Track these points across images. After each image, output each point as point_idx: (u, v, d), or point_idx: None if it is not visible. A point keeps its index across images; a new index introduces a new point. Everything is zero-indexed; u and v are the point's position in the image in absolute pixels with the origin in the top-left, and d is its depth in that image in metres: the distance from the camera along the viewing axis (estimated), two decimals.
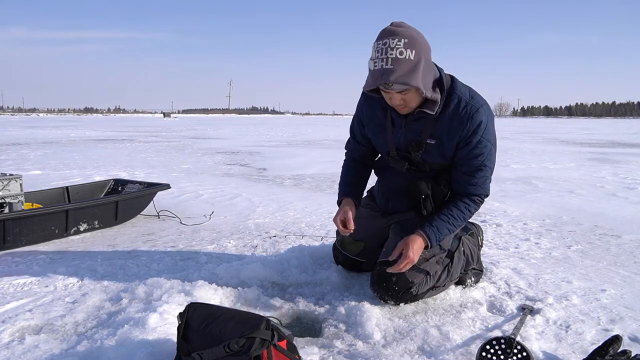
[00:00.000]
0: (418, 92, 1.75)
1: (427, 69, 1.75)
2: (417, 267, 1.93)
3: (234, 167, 7.34)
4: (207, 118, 75.92)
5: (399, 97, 1.78)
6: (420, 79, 1.71)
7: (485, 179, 1.96)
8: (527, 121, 70.70)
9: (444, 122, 1.89)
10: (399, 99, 1.79)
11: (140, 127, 26.69)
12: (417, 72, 1.69)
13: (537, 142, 14.54)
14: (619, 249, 2.92)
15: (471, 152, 1.90)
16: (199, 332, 1.36)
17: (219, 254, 2.76)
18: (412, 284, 1.92)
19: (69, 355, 1.57)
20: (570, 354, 1.63)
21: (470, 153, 1.90)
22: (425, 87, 1.75)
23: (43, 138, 14.51)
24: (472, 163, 1.92)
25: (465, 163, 1.93)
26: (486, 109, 1.90)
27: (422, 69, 1.71)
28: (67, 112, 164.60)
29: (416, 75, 1.69)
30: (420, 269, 1.94)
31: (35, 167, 6.91)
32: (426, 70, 1.75)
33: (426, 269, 1.95)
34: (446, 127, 1.89)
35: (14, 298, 2.09)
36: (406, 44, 1.67)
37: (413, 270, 1.92)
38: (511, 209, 4.14)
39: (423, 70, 1.72)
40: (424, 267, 1.95)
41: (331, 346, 1.65)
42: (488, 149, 1.91)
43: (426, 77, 1.75)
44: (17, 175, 3.15)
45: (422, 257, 1.94)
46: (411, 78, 1.68)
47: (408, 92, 1.76)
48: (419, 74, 1.70)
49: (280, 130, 22.72)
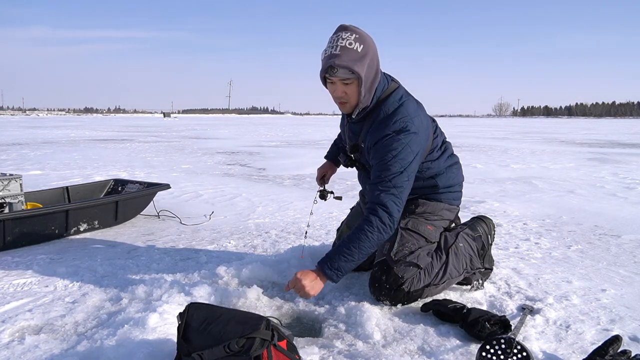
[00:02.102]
0: (359, 86, 1.84)
1: (371, 67, 1.85)
2: (404, 260, 1.95)
3: (234, 167, 7.34)
4: (207, 118, 75.93)
5: (341, 88, 1.87)
6: (364, 71, 1.81)
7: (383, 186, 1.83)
8: (527, 121, 70.71)
9: (367, 128, 1.97)
10: (341, 90, 1.87)
11: (140, 127, 26.70)
12: (363, 63, 1.80)
13: (537, 142, 14.54)
14: (619, 249, 2.92)
15: (374, 159, 1.91)
16: (199, 332, 1.36)
17: (219, 254, 2.76)
18: (402, 280, 1.93)
19: (69, 355, 1.58)
20: (570, 354, 1.63)
21: (374, 160, 1.91)
22: (366, 80, 1.84)
23: (43, 138, 14.52)
24: (375, 169, 1.90)
25: (373, 170, 1.93)
26: (398, 125, 1.86)
27: (367, 64, 1.82)
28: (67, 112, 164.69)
29: (361, 65, 1.80)
30: (408, 262, 1.95)
31: (35, 167, 6.92)
32: (370, 69, 1.85)
33: (415, 262, 1.96)
34: (367, 133, 1.97)
35: (14, 298, 2.09)
36: (356, 38, 1.80)
37: (401, 265, 1.94)
38: (511, 209, 4.15)
39: (368, 65, 1.83)
40: (410, 259, 1.96)
41: (331, 346, 1.65)
42: (390, 157, 1.84)
43: (369, 74, 1.85)
44: (17, 175, 3.16)
45: (407, 250, 1.98)
46: (356, 65, 1.78)
47: (351, 83, 1.84)
48: (364, 65, 1.81)
49: (280, 130, 22.73)
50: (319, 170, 2.47)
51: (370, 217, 1.82)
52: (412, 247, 1.99)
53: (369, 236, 1.80)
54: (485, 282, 2.26)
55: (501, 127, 33.33)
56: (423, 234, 2.04)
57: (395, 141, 1.85)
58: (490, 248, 2.31)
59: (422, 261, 1.97)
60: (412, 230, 2.04)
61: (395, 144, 1.85)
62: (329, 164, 2.47)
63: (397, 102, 1.93)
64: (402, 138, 1.85)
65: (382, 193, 1.83)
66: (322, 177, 2.46)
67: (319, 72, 1.88)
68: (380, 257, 2.01)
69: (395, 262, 1.95)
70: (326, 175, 2.46)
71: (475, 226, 2.27)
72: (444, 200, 2.13)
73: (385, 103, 1.94)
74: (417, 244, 2.01)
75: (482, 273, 2.23)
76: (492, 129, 27.00)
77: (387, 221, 1.81)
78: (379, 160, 1.88)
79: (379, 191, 1.84)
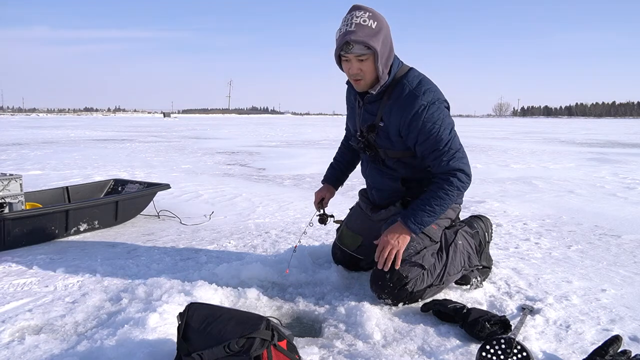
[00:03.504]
0: (374, 62, 1.88)
1: (385, 44, 1.90)
2: (410, 260, 1.95)
3: (234, 167, 7.34)
4: (207, 118, 75.94)
5: (357, 65, 1.90)
6: (379, 46, 1.85)
7: (448, 156, 1.93)
8: (527, 121, 70.72)
9: (389, 106, 1.99)
10: (356, 67, 1.90)
11: (140, 127, 26.70)
12: (378, 38, 1.85)
13: (537, 142, 14.54)
14: (619, 249, 2.92)
15: (418, 137, 1.95)
16: (199, 332, 1.36)
17: (219, 254, 2.76)
18: (406, 279, 1.93)
19: (69, 355, 1.57)
20: (570, 354, 1.63)
21: (418, 138, 1.95)
22: (382, 55, 1.88)
23: (43, 138, 14.52)
24: (425, 146, 1.96)
25: (421, 148, 1.98)
26: (428, 96, 1.94)
27: (382, 40, 1.87)
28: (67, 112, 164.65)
29: (376, 40, 1.84)
30: (413, 262, 1.95)
31: (35, 167, 6.92)
32: (385, 45, 1.89)
33: (419, 262, 1.96)
34: (390, 111, 1.99)
35: (14, 298, 2.09)
36: (370, 16, 1.86)
37: (406, 264, 1.94)
38: (511, 209, 4.15)
39: (382, 41, 1.87)
40: (416, 259, 1.96)
41: (331, 346, 1.65)
42: (436, 129, 1.92)
43: (384, 49, 1.89)
44: (17, 175, 3.15)
45: (412, 249, 1.97)
46: (371, 39, 1.83)
47: (366, 59, 1.88)
48: (379, 41, 1.85)
49: (280, 131, 22.72)
50: (317, 194, 2.44)
51: (450, 178, 1.93)
52: (417, 246, 1.99)
53: (449, 194, 1.94)
54: (485, 282, 2.26)
55: (501, 127, 33.34)
56: (428, 233, 2.03)
57: (434, 110, 1.92)
58: (487, 246, 2.31)
59: (426, 262, 1.98)
60: None
61: (435, 113, 1.92)
62: (327, 188, 2.44)
63: (417, 77, 2.00)
64: (439, 105, 1.94)
65: (450, 161, 1.93)
66: (320, 201, 2.42)
67: (334, 52, 1.92)
68: None
69: (400, 261, 1.95)
70: (325, 199, 2.42)
71: (472, 223, 2.27)
72: None
73: (406, 77, 1.99)
74: (422, 243, 2.01)
75: (480, 271, 2.23)
76: (492, 129, 27.01)
77: (465, 179, 1.96)
78: (427, 135, 1.92)
79: (445, 162, 1.93)
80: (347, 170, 2.49)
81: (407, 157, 2.07)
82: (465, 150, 2.00)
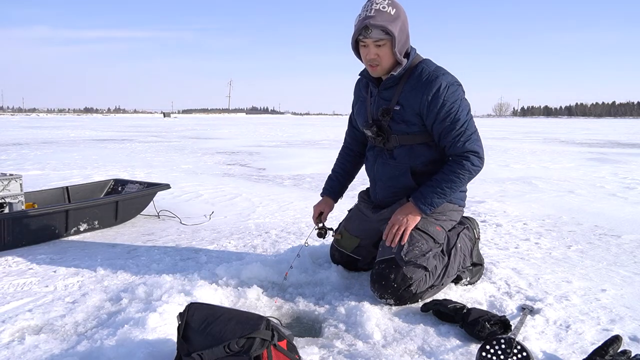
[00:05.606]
0: (392, 48, 1.93)
1: (403, 31, 1.95)
2: (415, 261, 1.95)
3: (234, 167, 7.34)
4: (207, 118, 75.94)
5: (374, 50, 1.95)
6: (397, 32, 1.91)
7: (465, 137, 1.97)
8: (527, 121, 70.72)
9: (407, 88, 2.03)
10: (374, 52, 1.96)
11: (140, 127, 26.70)
12: (396, 24, 1.91)
13: (537, 142, 14.54)
14: (619, 249, 2.92)
15: (438, 115, 1.98)
16: (199, 332, 1.36)
17: (219, 254, 2.76)
18: (411, 280, 1.93)
19: (69, 355, 1.57)
20: (570, 354, 1.63)
21: (437, 117, 1.98)
22: (399, 41, 1.93)
23: (43, 138, 14.52)
24: (443, 125, 1.99)
25: (439, 127, 2.00)
26: (448, 77, 2.01)
27: (400, 26, 1.93)
28: (67, 112, 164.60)
29: (394, 25, 1.90)
30: (417, 264, 1.95)
31: (35, 167, 6.92)
32: (402, 32, 1.95)
33: (424, 264, 1.96)
34: (408, 92, 2.02)
35: (14, 298, 2.09)
36: (389, 3, 1.93)
37: (411, 265, 1.94)
38: (511, 209, 4.15)
39: (400, 28, 1.93)
40: (421, 262, 1.96)
41: (331, 346, 1.65)
42: (455, 108, 1.97)
43: (401, 36, 1.95)
44: (17, 175, 3.16)
45: (418, 250, 1.97)
46: (390, 25, 1.89)
47: (383, 45, 1.93)
48: (396, 27, 1.91)
49: (280, 131, 22.72)
50: (315, 207, 2.39)
51: (463, 161, 1.97)
52: (422, 247, 1.99)
53: (461, 177, 1.98)
54: (485, 282, 2.26)
55: (501, 127, 33.34)
56: (432, 235, 2.03)
57: (454, 90, 1.98)
58: (477, 243, 2.29)
59: (430, 264, 1.98)
60: (422, 230, 2.03)
61: (455, 93, 1.98)
62: (326, 201, 2.39)
63: (434, 64, 2.06)
64: (457, 87, 2.00)
65: (466, 143, 1.97)
66: (319, 215, 2.37)
67: (351, 37, 1.98)
68: (387, 254, 1.99)
69: (405, 262, 1.94)
70: (323, 213, 2.38)
71: (466, 224, 2.28)
72: (453, 200, 2.14)
73: (423, 62, 2.05)
74: (427, 245, 2.01)
75: (470, 270, 2.23)
76: (492, 129, 27.00)
77: (478, 162, 1.99)
78: (446, 113, 1.96)
79: (462, 142, 1.97)
80: (347, 182, 2.46)
81: (417, 142, 2.08)
82: (479, 135, 2.03)
